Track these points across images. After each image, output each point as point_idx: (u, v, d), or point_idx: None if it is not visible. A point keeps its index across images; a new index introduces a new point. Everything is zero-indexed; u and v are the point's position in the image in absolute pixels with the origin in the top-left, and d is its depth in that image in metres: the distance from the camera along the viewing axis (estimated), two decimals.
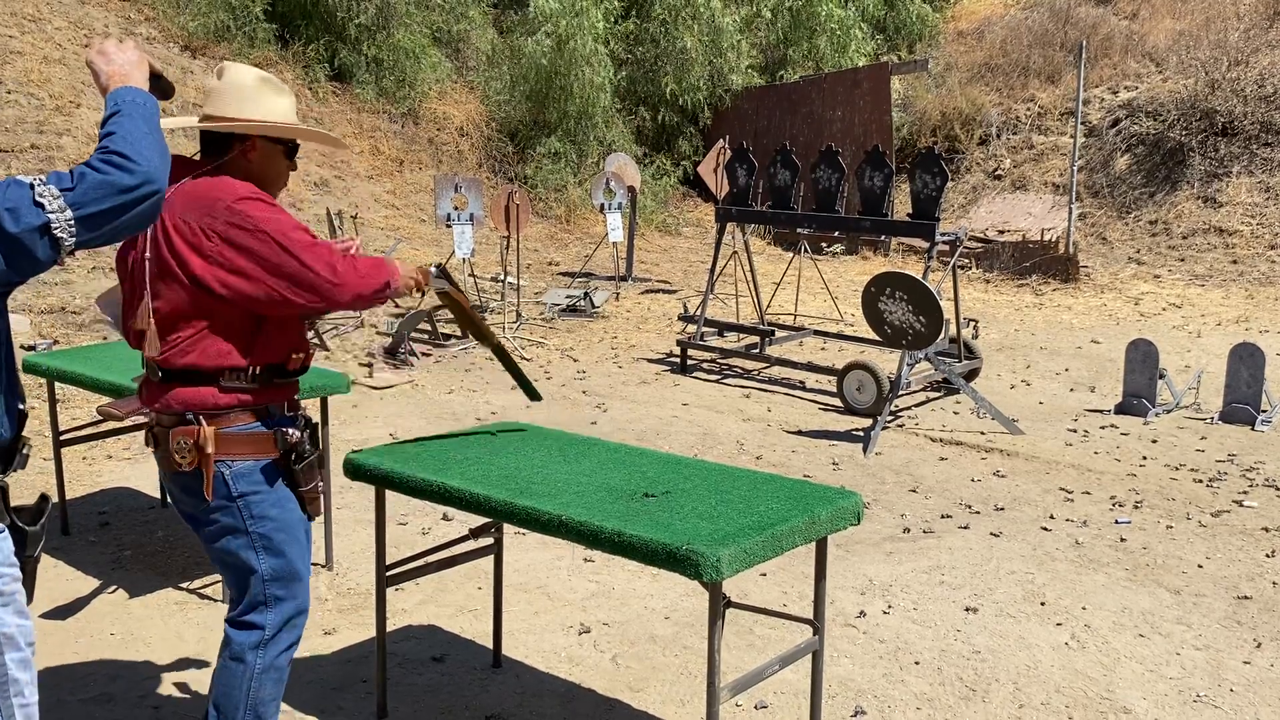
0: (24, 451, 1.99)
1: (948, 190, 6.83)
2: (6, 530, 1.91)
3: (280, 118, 2.55)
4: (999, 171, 14.57)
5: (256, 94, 2.52)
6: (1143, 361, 6.84)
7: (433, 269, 2.76)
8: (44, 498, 2.05)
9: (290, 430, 2.52)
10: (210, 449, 2.43)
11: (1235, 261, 11.62)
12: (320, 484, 2.64)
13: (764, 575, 4.17)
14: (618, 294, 10.61)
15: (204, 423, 2.44)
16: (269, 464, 2.51)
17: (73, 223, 1.75)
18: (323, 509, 2.69)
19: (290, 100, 2.60)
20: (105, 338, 7.13)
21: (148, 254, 2.41)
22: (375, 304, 2.55)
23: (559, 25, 13.65)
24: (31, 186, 1.74)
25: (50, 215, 1.73)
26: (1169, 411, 6.78)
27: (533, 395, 3.30)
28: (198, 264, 2.36)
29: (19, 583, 1.91)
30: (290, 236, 2.39)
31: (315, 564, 4.18)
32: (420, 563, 3.16)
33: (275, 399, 2.55)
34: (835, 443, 6.14)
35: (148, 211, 1.83)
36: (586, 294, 9.97)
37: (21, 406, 1.98)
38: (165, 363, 2.44)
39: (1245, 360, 6.51)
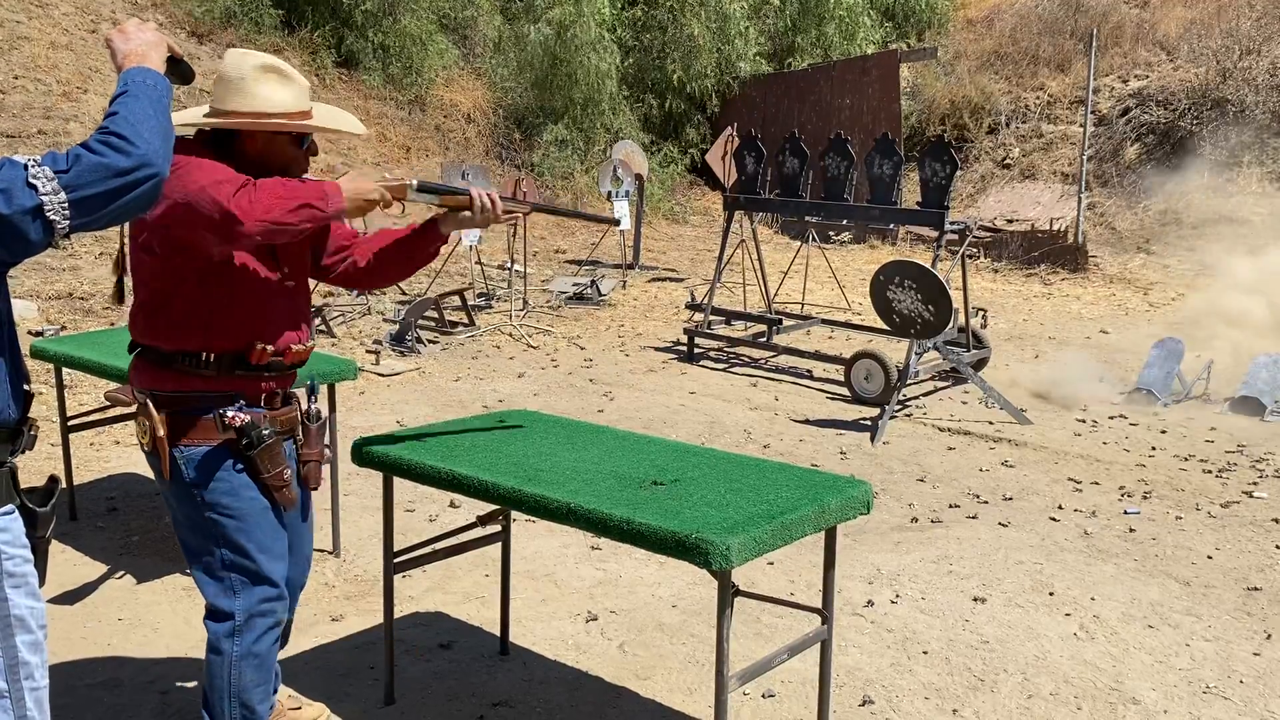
0: (31, 433, 1.98)
1: (956, 179, 6.80)
2: (16, 511, 1.90)
3: (279, 107, 2.45)
4: (1008, 160, 14.50)
5: (254, 84, 2.43)
6: (1165, 359, 6.85)
7: (412, 183, 2.57)
8: (53, 479, 2.04)
9: (230, 414, 2.41)
10: (161, 432, 2.38)
11: (1247, 252, 11.54)
12: (287, 472, 2.52)
13: (771, 564, 4.16)
14: (625, 282, 10.59)
15: (154, 406, 2.40)
16: (221, 450, 2.43)
17: (66, 205, 1.71)
18: (296, 499, 2.58)
19: (294, 89, 2.48)
20: (112, 323, 7.13)
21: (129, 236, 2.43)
22: (297, 226, 2.33)
23: (557, 12, 13.59)
24: (25, 167, 1.70)
25: (43, 197, 1.69)
26: (1179, 402, 6.75)
27: (610, 220, 3.21)
28: (143, 225, 2.35)
29: (30, 564, 1.90)
30: (203, 165, 2.29)
31: (323, 550, 4.18)
32: (428, 550, 3.15)
33: (238, 389, 2.46)
34: (843, 432, 6.12)
35: (145, 195, 1.79)
36: (593, 282, 9.95)
37: (27, 388, 1.96)
38: (135, 341, 2.45)
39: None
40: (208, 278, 2.41)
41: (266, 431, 2.46)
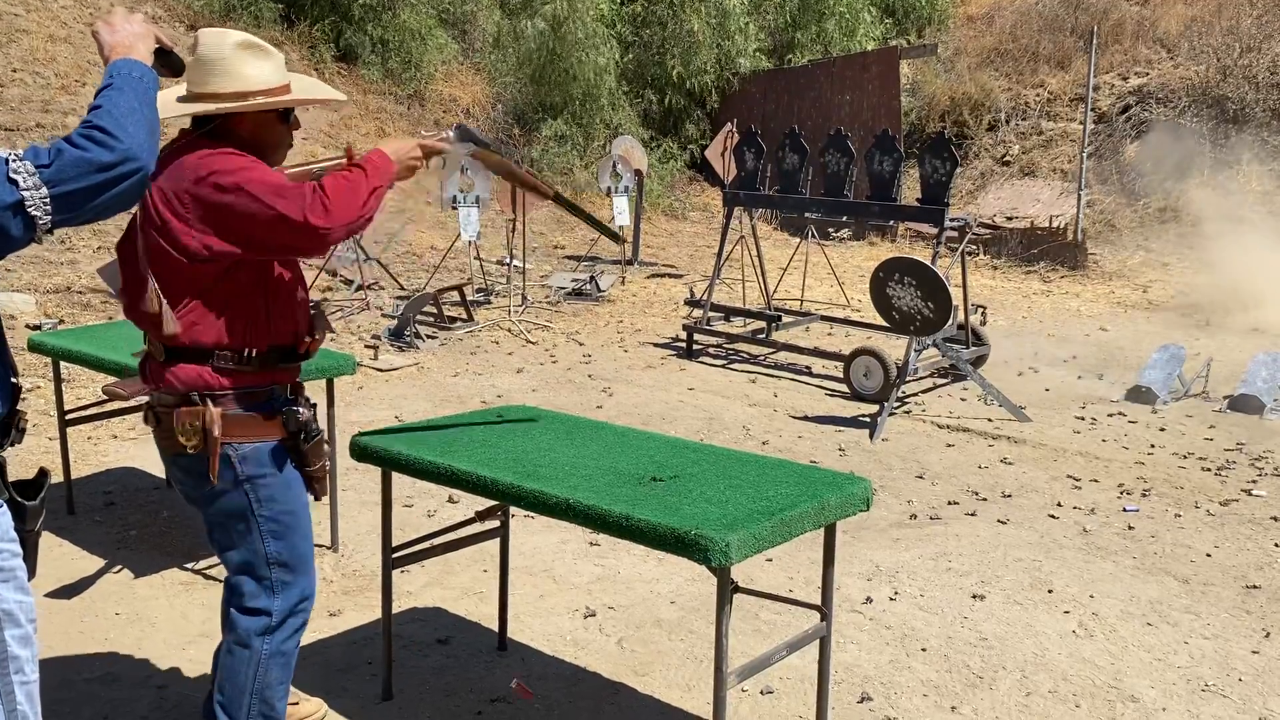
0: (20, 426, 1.96)
1: (956, 176, 6.79)
2: (5, 505, 1.89)
3: (262, 84, 2.41)
4: (1007, 158, 14.49)
5: (235, 63, 2.38)
6: (1168, 362, 6.86)
7: (450, 133, 2.57)
8: (43, 471, 2.02)
9: (300, 409, 2.47)
10: (216, 431, 2.37)
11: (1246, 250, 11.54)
12: (327, 464, 2.60)
13: (770, 561, 4.16)
14: (624, 278, 10.58)
15: (210, 404, 2.38)
16: (276, 446, 2.47)
17: (48, 200, 1.68)
18: (328, 489, 2.67)
19: (273, 63, 2.45)
20: (110, 317, 7.12)
21: (140, 233, 2.35)
22: (372, 214, 2.39)
23: (551, 8, 13.55)
24: (6, 162, 1.67)
25: (24, 193, 1.66)
26: (1177, 400, 6.74)
27: (614, 237, 3.40)
28: (180, 230, 2.29)
29: (19, 558, 1.89)
30: (258, 183, 2.29)
31: (321, 545, 4.17)
32: (426, 545, 3.14)
33: (278, 381, 2.49)
34: (841, 428, 6.11)
35: (129, 190, 1.76)
36: (592, 278, 9.94)
37: (15, 380, 1.94)
38: (170, 341, 2.38)
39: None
40: (264, 280, 2.43)
41: (314, 425, 2.50)
